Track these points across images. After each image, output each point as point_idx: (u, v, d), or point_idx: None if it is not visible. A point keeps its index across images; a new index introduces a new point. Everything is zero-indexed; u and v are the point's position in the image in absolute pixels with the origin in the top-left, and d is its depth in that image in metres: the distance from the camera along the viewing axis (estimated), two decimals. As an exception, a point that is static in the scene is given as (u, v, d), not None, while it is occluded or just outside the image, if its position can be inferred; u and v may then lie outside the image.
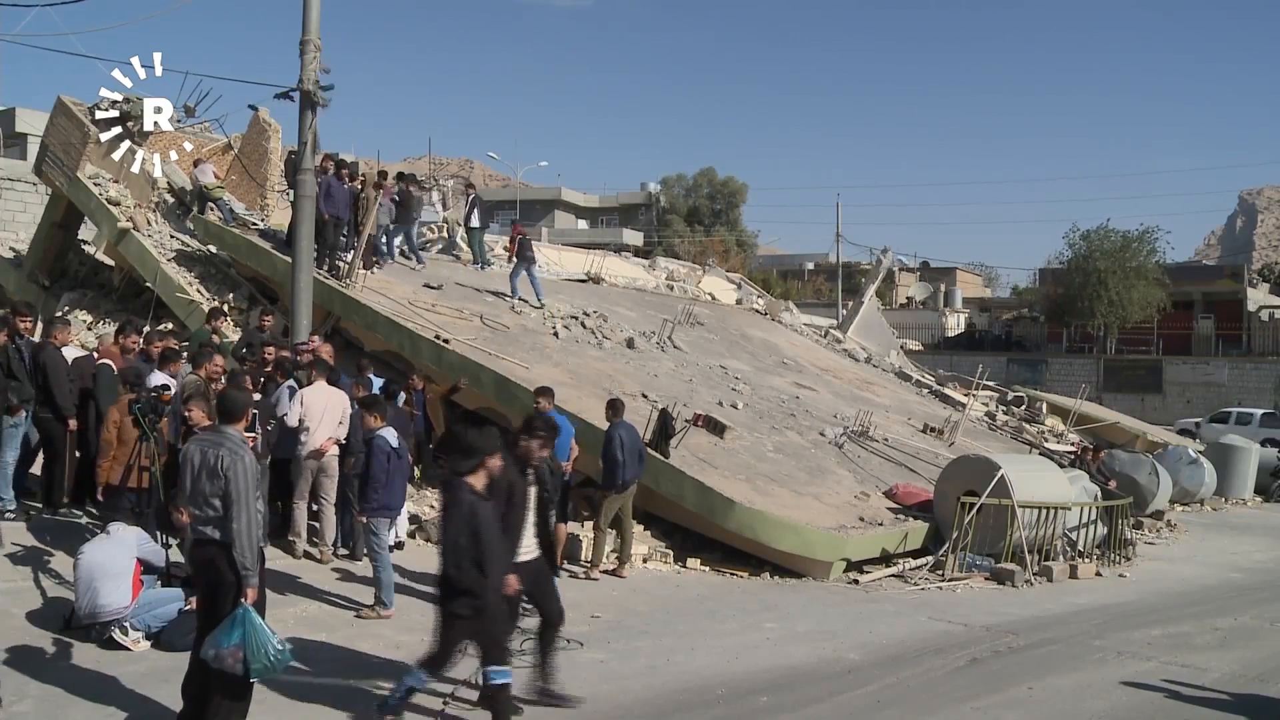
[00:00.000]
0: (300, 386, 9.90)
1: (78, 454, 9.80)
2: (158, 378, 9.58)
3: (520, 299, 17.41)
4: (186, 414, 8.59)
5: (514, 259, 18.11)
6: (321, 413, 9.66)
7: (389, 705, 5.82)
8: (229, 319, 13.32)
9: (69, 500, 9.79)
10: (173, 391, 9.41)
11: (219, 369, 9.90)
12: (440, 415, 13.12)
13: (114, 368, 9.66)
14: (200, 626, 5.58)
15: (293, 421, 9.54)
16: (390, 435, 8.80)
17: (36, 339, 10.09)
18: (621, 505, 10.67)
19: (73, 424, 9.52)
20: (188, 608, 7.18)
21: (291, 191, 15.33)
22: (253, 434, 8.61)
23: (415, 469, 12.53)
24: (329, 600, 8.80)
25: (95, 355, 10.83)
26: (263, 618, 5.42)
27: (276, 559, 9.69)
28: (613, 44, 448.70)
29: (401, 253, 18.09)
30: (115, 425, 8.64)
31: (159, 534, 8.41)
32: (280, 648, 5.38)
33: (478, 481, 5.72)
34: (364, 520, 8.77)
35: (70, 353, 10.07)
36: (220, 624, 5.33)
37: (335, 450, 9.80)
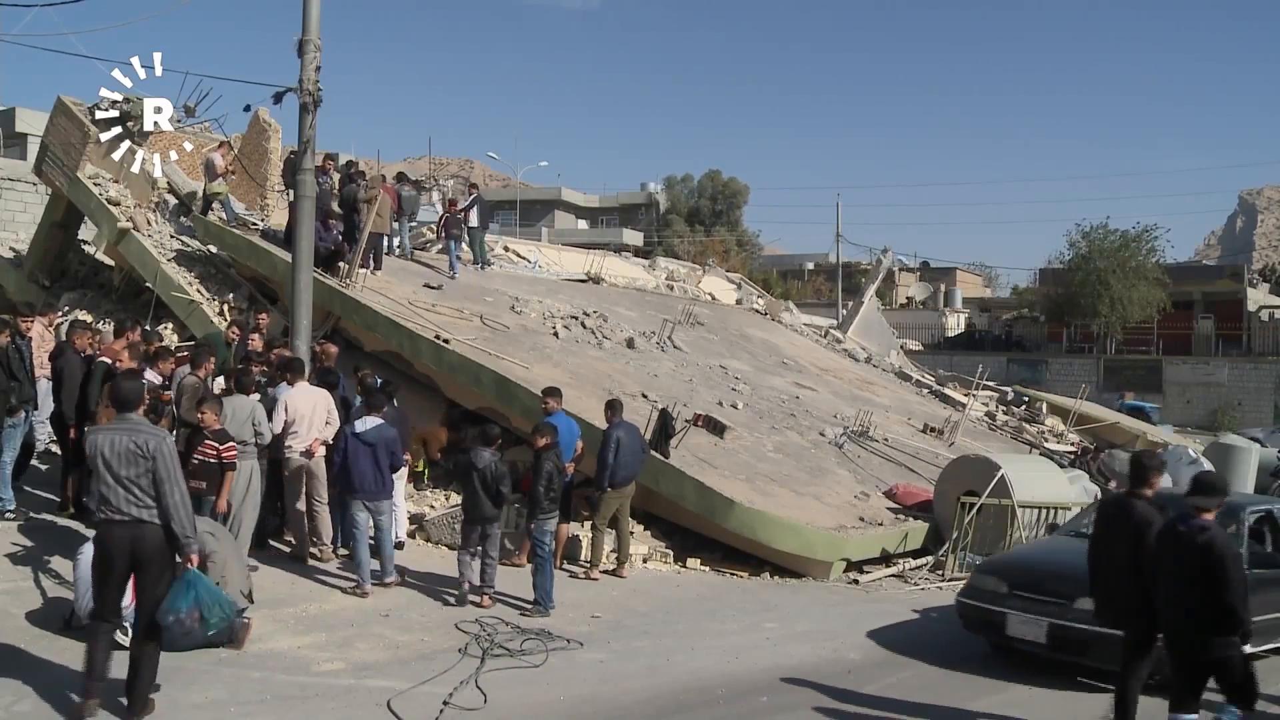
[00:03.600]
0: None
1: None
2: (151, 377, 9.56)
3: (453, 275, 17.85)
4: (200, 416, 8.63)
5: (443, 235, 18.68)
6: (309, 413, 9.67)
7: None
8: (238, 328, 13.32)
9: (72, 509, 9.74)
10: (170, 391, 9.42)
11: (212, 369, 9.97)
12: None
13: (109, 365, 9.49)
14: (101, 599, 5.85)
15: (278, 424, 9.56)
16: (361, 424, 9.16)
17: (51, 342, 10.08)
18: (620, 505, 10.67)
19: (74, 433, 9.48)
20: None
21: (291, 192, 15.43)
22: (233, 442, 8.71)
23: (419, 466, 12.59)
24: (328, 600, 8.80)
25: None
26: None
27: (276, 559, 9.71)
28: (616, 44, 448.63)
29: (400, 252, 18.15)
30: None
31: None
32: (230, 600, 5.85)
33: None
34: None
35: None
36: (169, 592, 5.69)
37: (323, 450, 9.80)
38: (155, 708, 5.99)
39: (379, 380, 11.06)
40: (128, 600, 7.07)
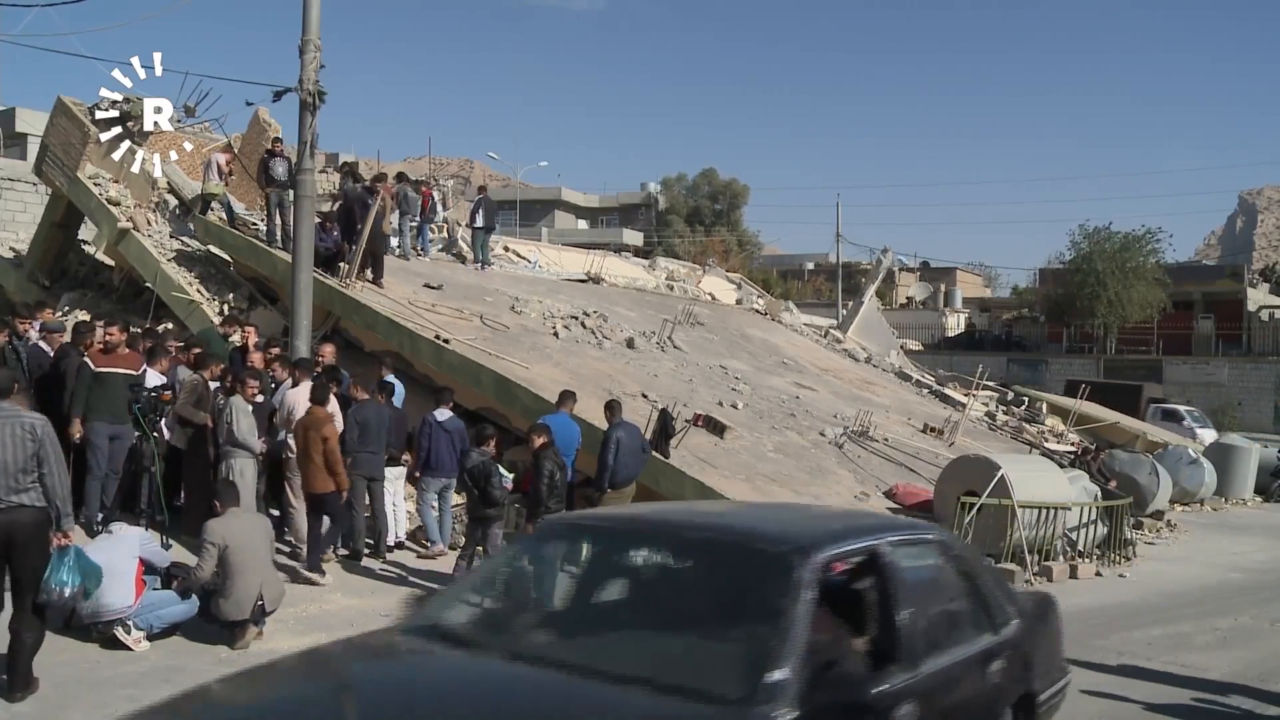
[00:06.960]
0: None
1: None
2: (152, 377, 9.56)
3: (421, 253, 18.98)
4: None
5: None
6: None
7: None
8: (239, 326, 13.34)
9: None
10: (171, 391, 9.43)
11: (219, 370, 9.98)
12: None
13: (91, 365, 9.30)
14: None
15: (279, 422, 9.56)
16: (439, 414, 10.41)
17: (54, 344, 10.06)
18: (620, 505, 10.65)
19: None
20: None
21: (264, 194, 15.64)
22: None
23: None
24: (328, 600, 8.80)
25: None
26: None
27: (276, 560, 9.69)
28: (617, 45, 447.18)
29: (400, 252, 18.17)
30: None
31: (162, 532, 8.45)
32: (99, 566, 6.38)
33: None
34: None
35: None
36: (49, 569, 5.89)
37: None
38: (39, 686, 6.11)
39: (381, 379, 11.06)
40: (130, 600, 7.11)
